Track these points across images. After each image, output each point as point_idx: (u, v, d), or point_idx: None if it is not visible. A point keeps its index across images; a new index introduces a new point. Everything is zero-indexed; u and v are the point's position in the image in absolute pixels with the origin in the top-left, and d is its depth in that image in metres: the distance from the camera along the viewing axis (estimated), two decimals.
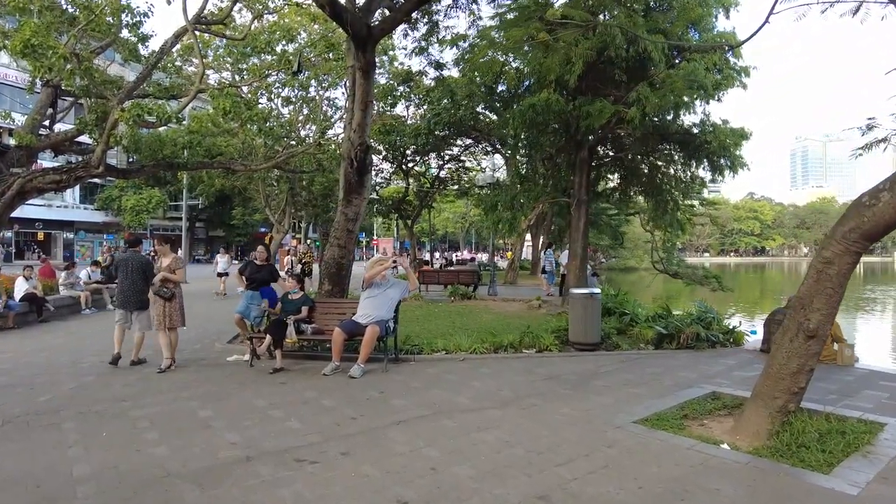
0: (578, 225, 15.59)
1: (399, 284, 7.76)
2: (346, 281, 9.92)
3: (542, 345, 8.54)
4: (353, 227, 9.80)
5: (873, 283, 46.35)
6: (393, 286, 7.64)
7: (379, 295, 7.47)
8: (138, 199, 46.16)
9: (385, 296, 7.49)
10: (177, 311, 7.54)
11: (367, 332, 7.03)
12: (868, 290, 35.74)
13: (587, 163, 15.68)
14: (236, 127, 21.74)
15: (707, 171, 15.36)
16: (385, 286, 7.57)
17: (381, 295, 7.47)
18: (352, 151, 9.34)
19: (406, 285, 7.81)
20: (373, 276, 7.43)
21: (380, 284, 7.54)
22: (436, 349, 8.27)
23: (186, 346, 9.21)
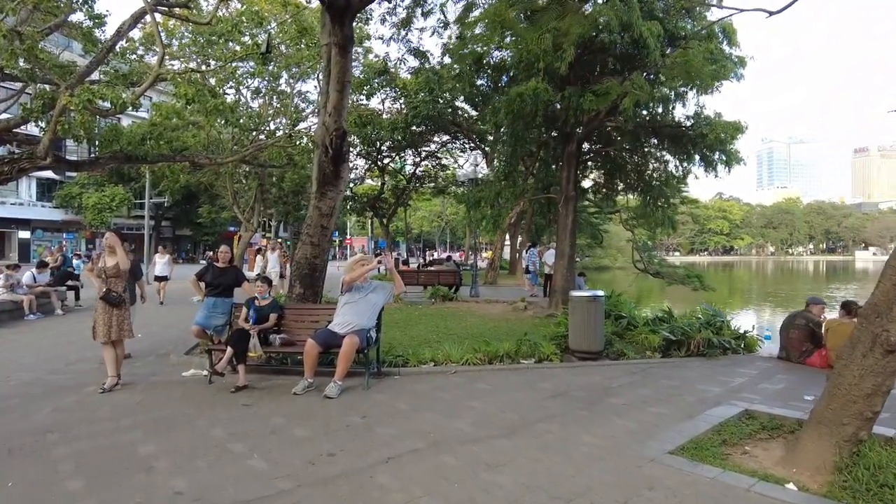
0: (566, 223, 14.79)
1: (383, 287, 6.79)
2: (319, 283, 8.90)
3: (542, 354, 7.66)
4: (328, 222, 8.79)
5: (845, 281, 46.89)
6: (376, 290, 6.68)
7: (360, 300, 6.50)
8: (100, 196, 44.12)
9: (366, 301, 6.52)
10: (126, 319, 6.45)
11: (345, 344, 6.05)
12: (851, 288, 35.96)
13: (575, 157, 14.90)
14: (201, 120, 20.55)
15: (699, 166, 14.70)
16: (366, 290, 6.61)
17: (362, 300, 6.50)
18: (327, 137, 8.33)
19: (390, 288, 6.85)
20: (354, 278, 6.46)
21: (360, 288, 6.57)
22: (423, 360, 7.32)
23: (138, 358, 8.10)
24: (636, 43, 12.25)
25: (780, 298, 29.92)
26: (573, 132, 14.42)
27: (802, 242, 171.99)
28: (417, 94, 22.96)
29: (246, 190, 29.86)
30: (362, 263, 6.72)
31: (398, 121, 23.10)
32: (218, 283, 7.02)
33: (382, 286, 6.81)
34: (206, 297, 7.07)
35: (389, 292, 6.80)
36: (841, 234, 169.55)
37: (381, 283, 6.88)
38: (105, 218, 44.26)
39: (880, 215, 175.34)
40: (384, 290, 6.76)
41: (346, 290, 6.51)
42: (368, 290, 6.62)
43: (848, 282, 46.24)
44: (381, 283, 6.88)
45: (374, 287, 6.69)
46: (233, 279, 7.11)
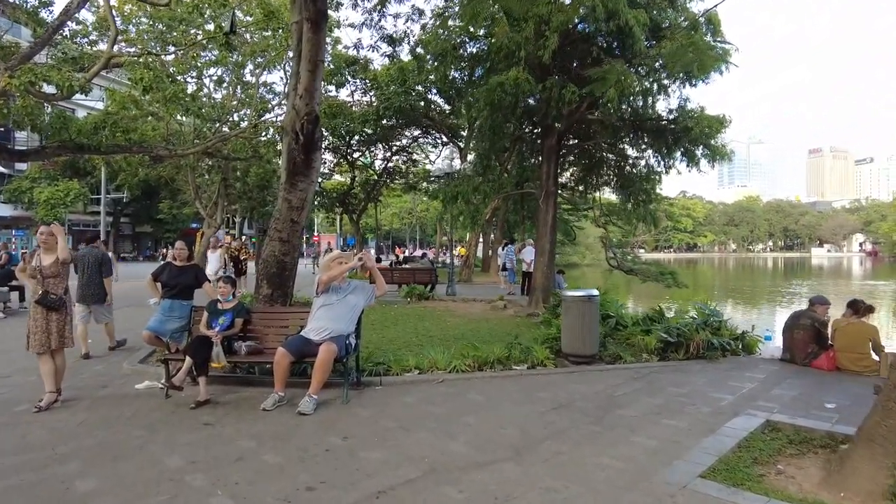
0: (546, 219, 14.31)
1: (363, 288, 6.10)
2: (290, 283, 8.14)
3: (535, 359, 7.07)
4: (299, 216, 8.04)
5: (808, 277, 47.87)
6: (355, 291, 5.98)
7: (337, 303, 5.80)
8: (53, 191, 41.88)
9: (345, 303, 5.83)
10: (66, 325, 5.60)
11: (322, 353, 5.34)
12: (817, 283, 36.54)
13: (555, 151, 14.43)
14: (160, 110, 19.42)
15: (681, 161, 14.36)
16: (345, 290, 5.91)
17: (339, 302, 5.81)
18: (297, 122, 7.57)
19: (371, 289, 6.14)
20: (333, 277, 5.76)
21: (338, 289, 5.88)
22: (406, 367, 6.65)
23: (85, 368, 7.23)
24: (621, 31, 11.80)
25: (752, 294, 30.14)
26: (553, 125, 13.92)
27: (762, 240, 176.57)
28: (389, 86, 22.20)
29: (209, 184, 28.58)
30: (341, 261, 6.01)
31: (369, 113, 22.29)
32: (175, 284, 6.23)
33: (362, 287, 6.12)
34: (163, 298, 6.26)
35: (370, 294, 6.10)
36: (798, 231, 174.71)
37: (360, 284, 6.18)
38: (59, 214, 42.05)
39: (834, 213, 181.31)
40: (364, 291, 6.07)
41: (321, 291, 5.81)
42: (347, 290, 5.93)
43: (811, 277, 47.20)
44: (360, 284, 6.18)
45: (353, 288, 6.00)
46: (192, 279, 6.32)
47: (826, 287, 34.29)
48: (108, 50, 12.41)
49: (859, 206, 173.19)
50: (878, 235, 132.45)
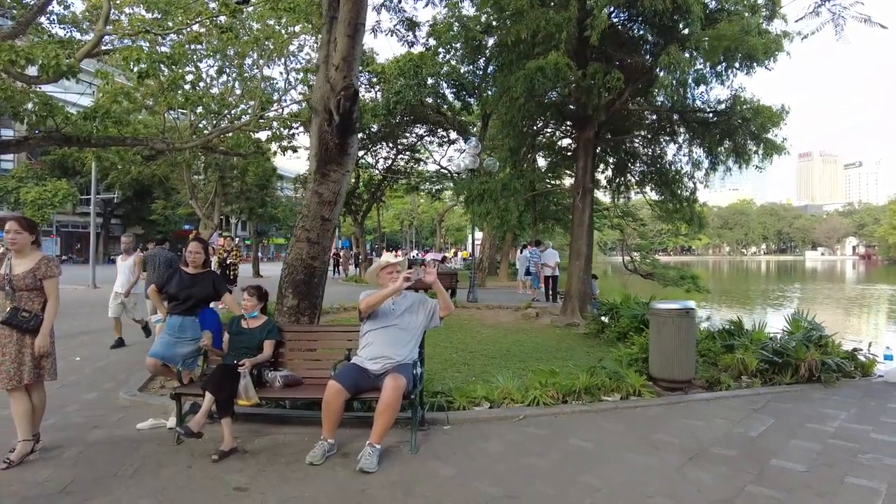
0: (582, 218, 13.08)
1: (422, 303, 4.74)
2: (318, 293, 6.81)
3: (629, 387, 5.79)
4: (331, 213, 6.72)
5: (814, 280, 46.98)
6: (412, 307, 4.65)
7: (393, 325, 4.50)
8: (41, 191, 40.23)
9: (403, 324, 4.53)
10: (47, 354, 4.24)
11: (389, 390, 4.04)
12: (824, 288, 35.56)
13: (593, 144, 13.19)
14: (154, 101, 18.01)
15: (730, 157, 13.15)
16: (400, 307, 4.61)
17: (396, 324, 4.50)
18: (332, 98, 6.27)
19: (434, 306, 4.72)
20: (372, 305, 4.46)
21: (390, 307, 4.59)
22: (474, 399, 5.36)
23: (71, 397, 5.87)
24: (678, 9, 10.60)
25: (779, 298, 29.04)
26: (590, 116, 12.68)
27: (756, 243, 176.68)
28: (397, 79, 20.90)
29: (205, 183, 27.10)
30: (391, 273, 4.67)
31: (379, 107, 20.98)
32: (187, 296, 4.88)
33: (422, 301, 4.76)
34: (171, 315, 4.93)
35: (433, 312, 4.70)
36: (792, 234, 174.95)
37: (419, 298, 4.81)
38: (46, 214, 40.47)
39: (828, 217, 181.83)
40: (425, 307, 4.70)
41: (364, 317, 4.54)
42: (403, 306, 4.62)
43: (818, 281, 46.31)
44: (419, 298, 4.81)
45: (410, 304, 4.67)
46: (208, 290, 4.97)
47: (843, 290, 33.36)
48: (99, 27, 11.05)
49: (852, 210, 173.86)
50: (872, 239, 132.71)
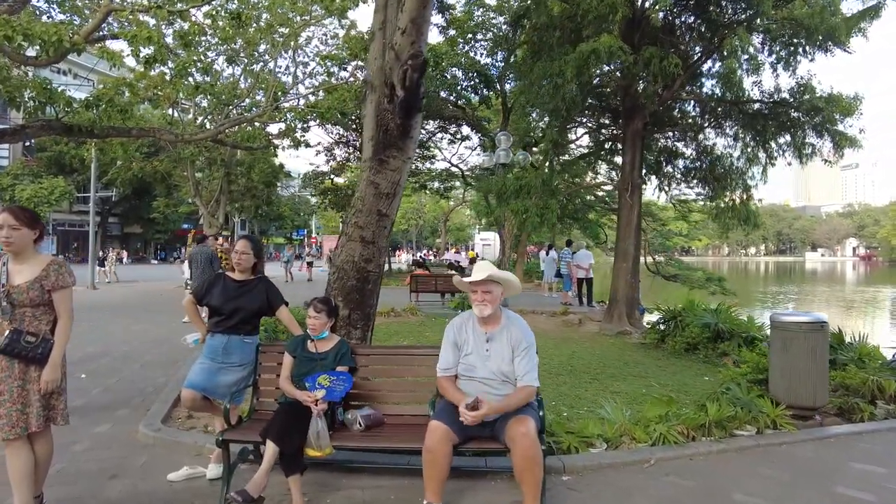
0: (630, 217, 12.07)
1: (517, 325, 3.42)
2: (372, 302, 5.75)
3: (766, 419, 4.74)
4: (388, 207, 5.66)
5: (821, 282, 46.06)
6: (507, 329, 3.39)
7: (491, 351, 3.34)
8: (37, 188, 39.09)
9: (501, 346, 3.35)
10: (58, 391, 3.14)
11: (522, 438, 2.96)
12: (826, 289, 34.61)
13: (641, 137, 12.16)
14: (161, 93, 16.93)
15: (788, 150, 12.13)
16: (494, 333, 3.40)
17: (494, 348, 3.34)
18: (396, 70, 5.20)
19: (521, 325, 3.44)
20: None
21: (478, 332, 3.41)
22: (587, 437, 4.30)
23: (78, 431, 4.75)
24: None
25: (806, 300, 28.05)
26: (639, 106, 11.65)
27: (756, 244, 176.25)
28: None
29: (210, 180, 25.96)
30: (474, 292, 3.37)
31: None
32: (234, 310, 3.79)
33: (515, 324, 3.41)
34: (212, 333, 3.84)
35: (525, 337, 3.37)
36: (792, 235, 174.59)
37: (512, 320, 3.44)
38: (43, 213, 39.27)
39: (827, 218, 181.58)
40: (520, 329, 3.39)
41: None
42: (497, 332, 3.41)
43: (828, 282, 45.40)
44: (512, 320, 3.44)
45: (509, 321, 3.44)
46: (261, 301, 3.88)
47: (863, 292, 32.43)
48: (106, 0, 9.96)
49: (852, 211, 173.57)
50: (873, 240, 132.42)
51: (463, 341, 3.41)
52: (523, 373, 3.26)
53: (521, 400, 3.19)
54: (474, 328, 3.41)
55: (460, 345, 3.41)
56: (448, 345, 3.44)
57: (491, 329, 3.37)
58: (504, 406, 3.15)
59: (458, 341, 3.42)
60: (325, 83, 18.06)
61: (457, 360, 3.39)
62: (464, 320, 3.48)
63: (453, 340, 3.43)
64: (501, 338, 3.35)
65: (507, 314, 3.45)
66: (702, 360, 8.52)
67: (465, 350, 3.38)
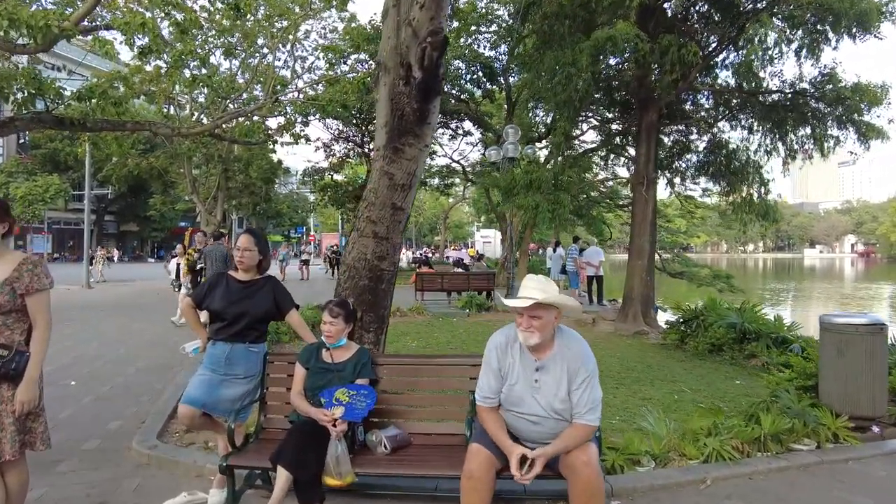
0: (645, 212, 11.62)
1: (576, 344, 2.89)
2: (386, 303, 5.29)
3: (826, 432, 4.30)
4: (403, 200, 5.19)
5: (823, 278, 45.73)
6: (568, 339, 2.89)
7: (544, 376, 2.78)
8: (31, 186, 38.50)
9: (556, 368, 2.80)
10: (36, 412, 2.67)
11: (583, 467, 2.55)
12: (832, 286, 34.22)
13: (655, 129, 11.72)
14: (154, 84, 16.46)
15: (808, 143, 11.70)
16: (558, 350, 2.84)
17: (547, 370, 2.78)
18: (415, 48, 4.75)
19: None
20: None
21: (525, 356, 2.83)
22: (633, 454, 3.85)
23: (64, 448, 4.29)
24: None
25: (816, 297, 27.67)
26: (658, 96, 11.20)
27: (754, 240, 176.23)
28: None
29: (207, 177, 25.45)
30: (532, 321, 2.71)
31: None
32: (238, 314, 3.32)
33: (568, 344, 2.86)
34: (214, 341, 3.38)
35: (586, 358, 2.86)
36: (790, 232, 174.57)
37: (568, 339, 2.88)
38: (37, 211, 38.77)
39: (826, 215, 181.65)
40: (576, 348, 2.86)
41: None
42: (561, 352, 2.82)
43: (830, 279, 45.08)
44: (568, 339, 2.88)
45: (565, 344, 2.87)
46: (268, 304, 3.41)
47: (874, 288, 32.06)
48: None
49: (850, 208, 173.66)
50: (872, 237, 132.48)
51: (508, 368, 2.81)
52: (584, 409, 2.69)
53: (578, 442, 2.66)
54: (522, 353, 2.81)
55: (504, 372, 2.82)
56: (488, 369, 2.86)
57: (542, 356, 2.78)
58: (559, 451, 2.64)
59: (501, 367, 2.83)
60: (324, 76, 17.61)
61: (499, 389, 2.82)
62: (509, 340, 2.86)
63: (496, 367, 2.83)
64: (554, 367, 2.76)
65: (563, 334, 2.85)
66: (728, 361, 8.09)
67: (510, 379, 2.80)
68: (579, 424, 2.69)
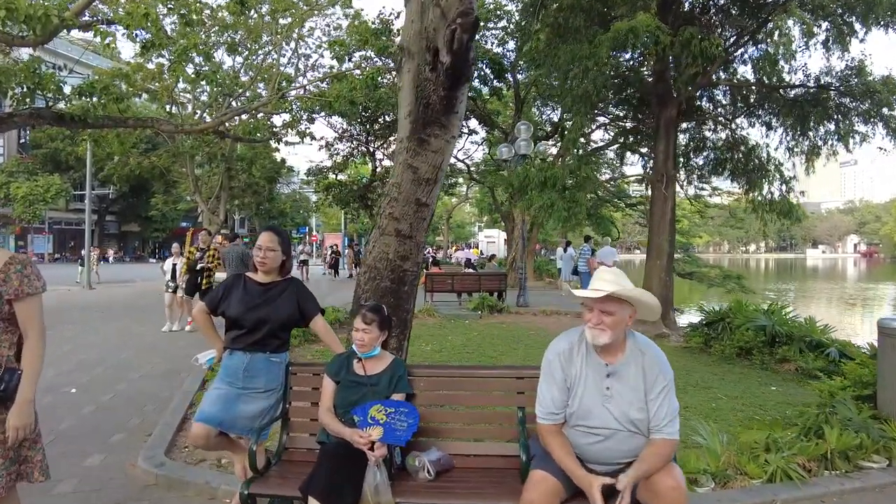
0: (664, 210, 11.28)
1: (651, 354, 2.48)
2: (408, 306, 4.94)
3: None
4: (428, 196, 4.82)
5: (832, 278, 45.36)
6: (645, 350, 2.49)
7: (617, 384, 2.42)
8: (32, 186, 38.17)
9: (630, 377, 2.43)
10: (33, 438, 2.29)
11: (671, 491, 2.22)
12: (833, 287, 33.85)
13: (674, 125, 11.37)
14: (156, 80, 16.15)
15: (832, 138, 11.34)
16: (620, 363, 2.45)
17: (620, 377, 2.43)
18: (442, 31, 4.38)
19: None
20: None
21: (597, 362, 2.46)
22: (690, 474, 3.49)
23: (63, 464, 3.93)
24: None
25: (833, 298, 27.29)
26: (679, 91, 10.84)
27: (756, 240, 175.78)
28: None
29: (210, 176, 25.08)
30: (603, 317, 2.38)
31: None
32: (259, 321, 2.97)
33: (643, 348, 2.50)
34: (231, 351, 3.02)
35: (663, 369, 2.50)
36: (792, 232, 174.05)
37: (642, 344, 2.52)
38: (38, 211, 38.46)
39: (828, 215, 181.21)
40: (652, 353, 2.50)
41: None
42: (635, 355, 2.48)
43: (838, 279, 44.71)
44: (642, 344, 2.52)
45: (639, 348, 2.51)
46: (291, 308, 3.06)
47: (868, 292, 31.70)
48: None
49: (853, 208, 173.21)
50: (875, 237, 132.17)
51: (574, 378, 2.45)
52: (663, 421, 2.34)
53: (662, 462, 2.31)
54: (588, 356, 2.46)
55: (570, 383, 2.45)
56: (550, 381, 2.48)
57: (613, 360, 2.44)
58: (642, 475, 2.28)
59: (566, 377, 2.45)
60: (328, 73, 17.26)
61: (565, 403, 2.45)
62: (572, 344, 2.51)
63: (561, 378, 2.46)
64: (628, 372, 2.42)
65: (636, 338, 2.50)
66: (758, 366, 7.73)
67: (577, 389, 2.44)
68: (660, 440, 2.34)
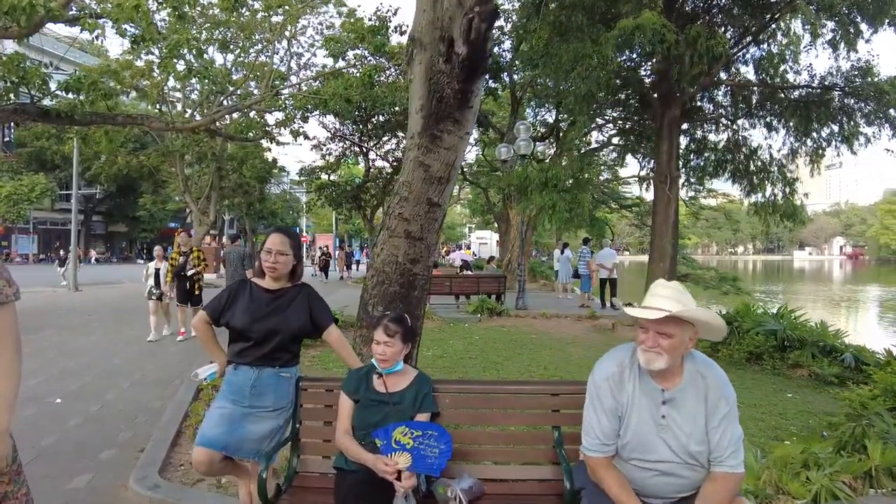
0: (667, 212, 11.10)
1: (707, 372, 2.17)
2: (418, 312, 4.67)
3: None
4: (440, 195, 4.57)
5: (819, 281, 45.60)
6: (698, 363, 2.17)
7: (678, 407, 2.11)
8: (16, 185, 37.46)
9: (688, 403, 2.11)
10: (13, 472, 1.94)
11: None
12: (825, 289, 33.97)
13: (678, 125, 11.19)
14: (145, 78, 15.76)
15: (836, 140, 11.22)
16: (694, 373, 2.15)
17: (682, 404, 2.10)
18: (458, 21, 4.13)
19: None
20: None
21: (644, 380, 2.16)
22: None
23: (47, 485, 3.61)
24: None
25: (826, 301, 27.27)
26: (682, 90, 10.66)
27: (744, 242, 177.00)
28: None
29: (200, 175, 24.64)
30: (659, 339, 2.04)
31: (400, 90, 18.74)
32: (268, 332, 2.68)
33: (703, 370, 2.16)
34: (236, 366, 2.73)
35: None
36: (779, 234, 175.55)
37: (701, 364, 2.17)
38: (23, 211, 37.75)
39: (814, 217, 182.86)
40: (714, 375, 2.16)
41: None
42: (694, 379, 2.14)
43: (826, 281, 44.97)
44: (701, 364, 2.17)
45: (698, 370, 2.16)
46: (303, 318, 2.77)
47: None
48: None
49: (839, 210, 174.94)
50: (861, 239, 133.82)
51: (626, 404, 2.14)
52: (726, 452, 2.04)
53: (729, 496, 2.03)
54: (641, 380, 2.14)
55: (622, 411, 2.14)
56: (598, 408, 2.17)
57: (670, 385, 2.12)
58: None
59: (617, 404, 2.15)
60: (322, 72, 16.96)
61: (616, 432, 2.15)
62: (622, 366, 2.18)
63: (611, 405, 2.15)
64: (686, 399, 2.10)
65: (695, 358, 2.17)
66: (770, 371, 7.54)
67: (629, 419, 2.14)
68: (722, 474, 2.04)
